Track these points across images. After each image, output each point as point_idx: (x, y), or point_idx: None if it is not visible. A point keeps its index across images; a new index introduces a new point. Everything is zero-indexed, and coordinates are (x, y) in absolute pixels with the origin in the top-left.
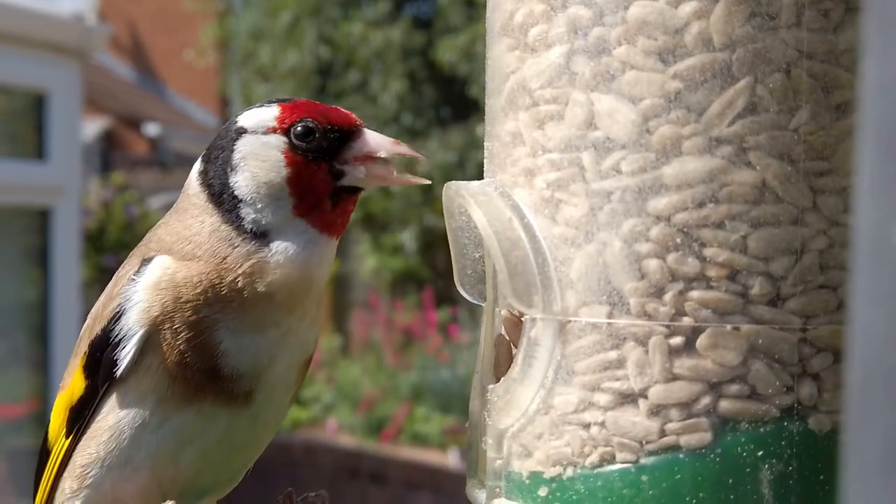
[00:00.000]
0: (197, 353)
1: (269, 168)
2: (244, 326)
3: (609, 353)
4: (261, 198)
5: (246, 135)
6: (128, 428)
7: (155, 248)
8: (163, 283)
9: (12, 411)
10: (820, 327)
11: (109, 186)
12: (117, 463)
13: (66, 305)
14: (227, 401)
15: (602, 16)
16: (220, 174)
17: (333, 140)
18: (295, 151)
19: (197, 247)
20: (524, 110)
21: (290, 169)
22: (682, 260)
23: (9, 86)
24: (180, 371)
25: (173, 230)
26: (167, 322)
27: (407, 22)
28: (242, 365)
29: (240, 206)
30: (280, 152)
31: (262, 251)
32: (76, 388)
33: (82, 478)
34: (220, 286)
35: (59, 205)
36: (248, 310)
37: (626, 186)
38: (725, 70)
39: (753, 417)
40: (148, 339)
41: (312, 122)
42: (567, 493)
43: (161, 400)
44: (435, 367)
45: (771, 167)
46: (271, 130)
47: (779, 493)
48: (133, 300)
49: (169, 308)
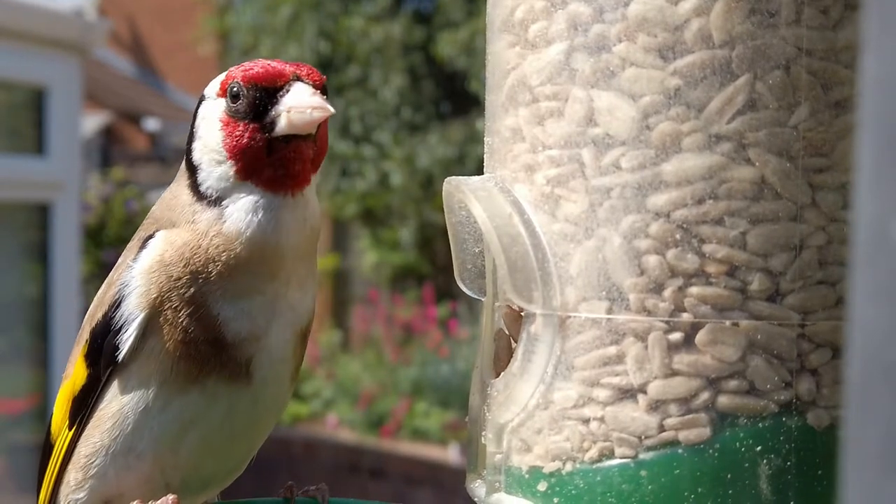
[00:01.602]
0: (199, 325)
1: (211, 132)
2: (233, 294)
3: (608, 349)
4: (208, 162)
5: (205, 101)
6: (131, 413)
7: (148, 225)
8: (154, 266)
9: (12, 406)
10: (818, 323)
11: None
12: (121, 450)
13: (67, 301)
14: (229, 377)
15: (602, 13)
16: (189, 140)
17: (259, 99)
18: (228, 113)
19: (178, 215)
20: (524, 106)
21: (224, 131)
22: (681, 256)
23: (8, 81)
24: (185, 349)
25: (163, 200)
26: (166, 302)
27: (407, 17)
28: (243, 329)
29: (197, 172)
30: (218, 117)
31: (220, 220)
32: (78, 377)
33: (87, 468)
34: (200, 257)
35: (58, 200)
36: (230, 278)
37: (626, 183)
38: (725, 67)
39: (752, 413)
40: (149, 322)
41: (238, 83)
42: (566, 487)
43: (164, 383)
44: (435, 362)
45: (770, 164)
46: (218, 95)
47: (777, 488)
48: (131, 286)
49: (165, 288)
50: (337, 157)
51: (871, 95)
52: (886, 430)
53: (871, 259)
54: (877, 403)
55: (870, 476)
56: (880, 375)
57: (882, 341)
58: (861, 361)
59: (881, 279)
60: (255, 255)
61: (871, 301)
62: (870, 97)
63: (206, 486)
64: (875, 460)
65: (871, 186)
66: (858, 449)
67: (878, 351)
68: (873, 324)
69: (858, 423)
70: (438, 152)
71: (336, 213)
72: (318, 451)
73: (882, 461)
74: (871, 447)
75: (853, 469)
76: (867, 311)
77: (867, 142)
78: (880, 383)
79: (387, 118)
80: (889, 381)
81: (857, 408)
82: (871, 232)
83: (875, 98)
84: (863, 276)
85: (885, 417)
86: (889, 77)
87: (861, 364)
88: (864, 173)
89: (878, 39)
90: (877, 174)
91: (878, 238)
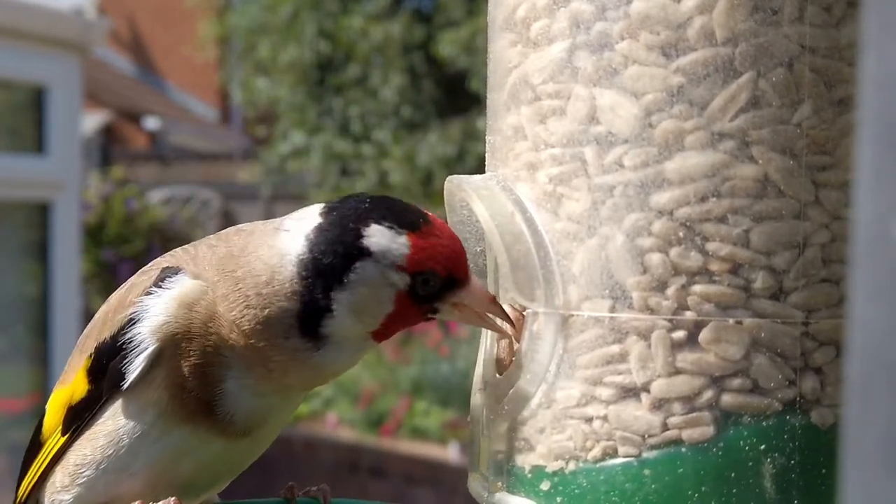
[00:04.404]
0: (197, 381)
1: (376, 301)
2: (251, 385)
3: (611, 347)
4: (351, 320)
5: (369, 260)
6: (127, 437)
7: (191, 265)
8: (198, 306)
9: (13, 405)
10: (822, 321)
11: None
12: (113, 468)
13: (67, 300)
14: (220, 431)
15: (604, 10)
16: (324, 282)
17: (446, 288)
18: (409, 293)
19: (245, 300)
20: (526, 105)
21: (396, 307)
22: (684, 254)
23: (8, 80)
24: (177, 391)
25: (224, 262)
26: (184, 342)
27: (407, 16)
28: (237, 413)
29: (325, 315)
30: (395, 291)
31: (312, 351)
32: (78, 389)
33: (75, 476)
34: (250, 346)
35: (58, 199)
36: (262, 378)
37: (629, 181)
38: (728, 65)
39: (756, 411)
40: (159, 353)
41: (436, 273)
42: (569, 486)
43: (161, 414)
44: (435, 361)
45: (773, 161)
46: (398, 268)
47: (781, 486)
48: (152, 312)
49: (195, 330)
50: (337, 156)
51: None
52: (886, 430)
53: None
54: (877, 403)
55: (870, 476)
56: (880, 375)
57: (882, 340)
58: (861, 361)
59: (881, 278)
60: (314, 381)
61: (871, 300)
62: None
63: (202, 494)
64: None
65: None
66: (858, 448)
67: (878, 350)
68: (873, 323)
69: (858, 423)
70: (438, 150)
71: None
72: (318, 450)
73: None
74: (871, 447)
75: (853, 468)
76: (867, 311)
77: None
78: (880, 383)
79: (386, 117)
80: (889, 380)
81: (857, 407)
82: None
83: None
84: (863, 275)
85: (885, 417)
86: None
87: (861, 363)
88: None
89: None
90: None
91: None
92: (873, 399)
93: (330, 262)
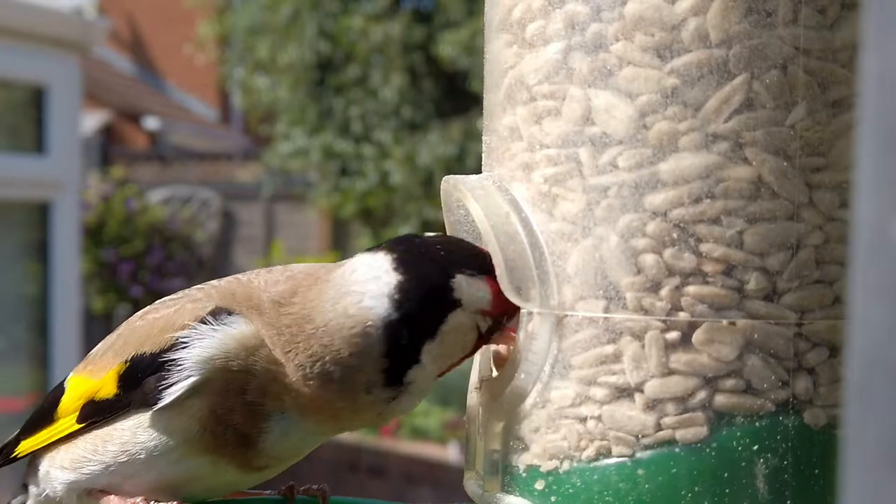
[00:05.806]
0: (242, 418)
1: (462, 346)
2: (302, 426)
3: (605, 348)
4: (434, 367)
5: (459, 310)
6: (145, 453)
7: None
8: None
9: (13, 405)
10: (816, 322)
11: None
12: (121, 472)
13: (66, 299)
14: (240, 464)
15: (599, 12)
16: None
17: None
18: (480, 328)
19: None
20: (522, 105)
21: (473, 348)
22: (678, 255)
23: (8, 79)
24: (213, 424)
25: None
26: (236, 381)
27: (407, 16)
28: (273, 449)
29: (411, 367)
30: (477, 334)
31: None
32: (105, 388)
33: (78, 464)
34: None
35: (58, 199)
36: (320, 422)
37: (623, 182)
38: (722, 66)
39: (749, 412)
40: (201, 385)
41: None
42: (564, 486)
43: (187, 441)
44: None
45: (767, 163)
46: (485, 313)
47: (774, 487)
48: (205, 343)
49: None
50: (337, 157)
51: (870, 94)
52: (886, 430)
53: (871, 258)
54: (877, 403)
55: (870, 476)
56: (880, 375)
57: (882, 340)
58: (861, 361)
59: (881, 278)
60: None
61: (871, 300)
62: (869, 96)
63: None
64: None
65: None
66: (858, 448)
67: (878, 350)
68: (874, 322)
69: (858, 423)
70: (438, 150)
71: (336, 213)
72: (317, 450)
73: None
74: (870, 447)
75: (853, 468)
76: (867, 311)
77: (867, 141)
78: (880, 383)
79: (387, 117)
80: (889, 380)
81: (856, 407)
82: (871, 231)
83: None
84: (863, 275)
85: (885, 417)
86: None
87: (861, 363)
88: (863, 172)
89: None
90: (877, 171)
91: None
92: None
93: (423, 318)
